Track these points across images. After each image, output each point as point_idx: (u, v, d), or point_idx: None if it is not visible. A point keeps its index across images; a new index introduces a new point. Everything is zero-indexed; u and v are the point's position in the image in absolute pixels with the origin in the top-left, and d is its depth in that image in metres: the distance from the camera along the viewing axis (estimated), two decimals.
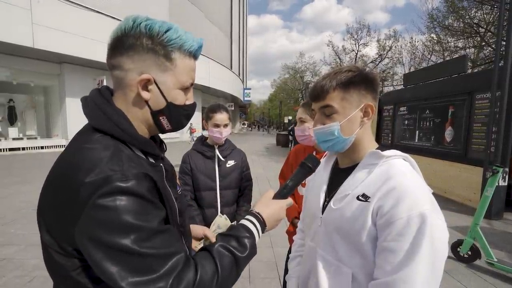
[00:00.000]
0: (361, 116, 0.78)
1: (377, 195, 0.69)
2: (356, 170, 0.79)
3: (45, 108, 13.99)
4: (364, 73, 0.78)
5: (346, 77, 0.77)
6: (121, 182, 0.52)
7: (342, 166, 0.87)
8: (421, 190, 0.67)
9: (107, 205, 0.51)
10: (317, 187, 0.91)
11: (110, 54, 0.62)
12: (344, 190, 0.78)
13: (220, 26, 30.34)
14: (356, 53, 25.44)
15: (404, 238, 0.63)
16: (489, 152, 4.60)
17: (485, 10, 13.31)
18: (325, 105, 0.78)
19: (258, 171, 8.45)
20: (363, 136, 0.81)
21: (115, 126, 0.61)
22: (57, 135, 13.12)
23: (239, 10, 41.36)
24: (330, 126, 0.78)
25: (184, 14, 20.36)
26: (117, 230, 0.51)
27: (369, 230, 0.69)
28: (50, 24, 10.09)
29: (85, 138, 0.60)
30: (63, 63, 12.19)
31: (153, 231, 0.54)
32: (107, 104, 0.63)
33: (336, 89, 0.77)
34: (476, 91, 5.22)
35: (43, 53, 10.61)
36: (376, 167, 0.75)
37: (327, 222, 0.81)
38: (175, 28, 0.62)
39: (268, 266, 2.94)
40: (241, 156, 1.87)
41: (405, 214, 0.63)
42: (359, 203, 0.73)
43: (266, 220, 0.74)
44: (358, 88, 0.77)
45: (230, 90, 26.66)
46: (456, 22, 14.79)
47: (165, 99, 0.64)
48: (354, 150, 0.82)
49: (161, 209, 0.59)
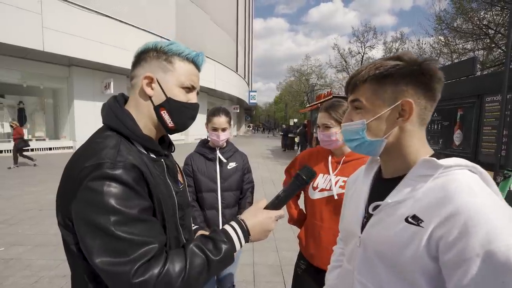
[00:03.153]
0: (396, 116, 0.65)
1: (434, 219, 0.54)
2: (403, 183, 0.64)
3: (54, 110, 14.23)
4: (413, 63, 0.63)
5: (385, 67, 0.64)
6: (109, 170, 0.60)
7: (386, 176, 0.73)
8: (499, 214, 0.50)
9: (95, 187, 0.59)
10: (357, 198, 0.78)
11: (131, 70, 0.78)
12: (387, 207, 0.65)
13: (226, 29, 30.55)
14: (362, 55, 25.29)
15: (487, 284, 0.47)
16: (499, 156, 4.49)
17: (495, 11, 13.10)
18: (354, 99, 0.69)
19: (264, 174, 8.42)
20: (406, 141, 0.66)
21: (121, 124, 0.71)
22: (65, 136, 13.31)
23: (245, 13, 41.60)
24: (354, 124, 0.68)
25: (190, 17, 20.55)
26: (100, 210, 0.58)
27: (423, 263, 0.55)
28: (59, 27, 10.28)
29: (98, 134, 0.72)
30: (72, 66, 12.40)
31: (131, 217, 0.60)
32: (118, 107, 0.75)
33: (368, 81, 0.66)
34: (485, 93, 5.12)
35: (52, 56, 10.81)
36: (430, 180, 0.60)
37: (367, 243, 0.69)
38: (177, 44, 0.76)
39: (273, 270, 2.91)
40: (243, 158, 1.89)
41: (481, 250, 0.47)
42: (408, 226, 0.59)
43: (251, 229, 0.74)
44: (396, 82, 0.64)
45: (235, 92, 26.74)
46: (465, 24, 14.58)
47: (165, 94, 0.74)
48: (396, 157, 0.68)
49: (145, 199, 0.64)
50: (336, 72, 28.05)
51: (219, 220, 1.75)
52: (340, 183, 1.38)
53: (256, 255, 3.23)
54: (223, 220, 1.75)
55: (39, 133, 13.57)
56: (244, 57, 41.80)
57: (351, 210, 0.80)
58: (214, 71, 20.18)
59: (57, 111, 14.01)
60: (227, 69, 24.39)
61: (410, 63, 0.63)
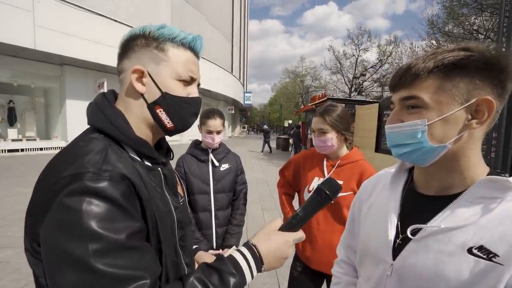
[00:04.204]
0: (467, 118, 0.53)
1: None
2: (458, 203, 0.53)
3: (45, 109, 13.99)
4: (489, 55, 0.51)
5: (453, 57, 0.52)
6: (91, 182, 0.48)
7: (427, 192, 0.60)
8: None
9: (71, 205, 0.46)
10: (381, 214, 0.65)
11: (117, 62, 0.66)
12: (438, 232, 0.53)
13: (221, 30, 30.53)
14: (357, 58, 25.59)
15: None
16: (489, 158, 4.60)
17: (485, 17, 13.42)
18: (409, 96, 0.55)
19: (258, 175, 8.42)
20: (469, 150, 0.55)
21: (110, 125, 0.59)
22: (56, 136, 13.09)
23: (241, 14, 41.67)
24: (411, 125, 0.55)
25: (185, 17, 20.49)
26: (75, 236, 0.45)
27: None
28: (52, 26, 10.13)
29: (82, 136, 0.61)
30: (64, 65, 12.22)
31: (117, 244, 0.47)
32: (107, 105, 0.63)
33: (432, 74, 0.53)
34: None
35: (44, 55, 10.64)
36: (499, 203, 0.50)
37: (404, 275, 0.57)
38: (170, 27, 0.64)
39: (267, 273, 2.89)
40: (236, 159, 1.88)
41: None
42: (473, 260, 0.48)
43: (264, 256, 0.59)
44: (469, 76, 0.52)
45: (230, 93, 26.70)
46: (456, 28, 14.89)
47: (159, 90, 0.62)
48: (450, 169, 0.56)
49: (135, 220, 0.51)
50: (331, 74, 28.33)
51: (212, 222, 1.74)
52: None
53: None
54: (216, 222, 1.74)
55: (29, 133, 13.31)
56: (240, 58, 41.83)
57: (374, 228, 0.67)
58: (209, 71, 20.14)
59: (48, 111, 13.78)
60: (222, 70, 24.37)
61: (483, 55, 0.51)
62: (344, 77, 26.86)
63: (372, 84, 26.84)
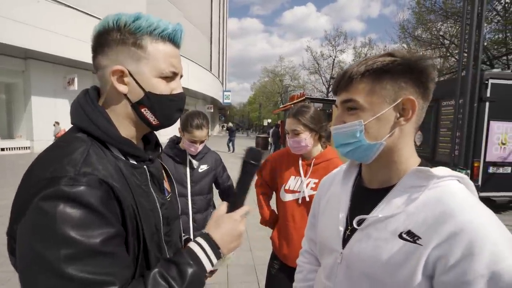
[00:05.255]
0: (396, 116, 0.59)
1: (434, 238, 0.51)
2: (393, 194, 0.59)
3: (7, 107, 12.95)
4: (409, 60, 0.58)
5: (380, 63, 0.58)
6: (67, 187, 0.48)
7: (371, 186, 0.67)
8: (500, 231, 0.49)
9: (46, 209, 0.46)
10: (334, 208, 0.72)
11: (92, 57, 0.62)
12: (376, 221, 0.59)
13: (199, 27, 30.02)
14: (334, 59, 26.29)
15: None
16: (453, 156, 4.93)
17: (449, 24, 14.35)
18: (348, 99, 0.61)
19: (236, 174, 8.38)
20: (401, 145, 0.61)
21: (92, 124, 0.58)
22: (20, 136, 12.17)
23: (220, 12, 41.23)
24: (351, 126, 0.61)
25: (162, 13, 19.91)
26: (48, 240, 0.45)
27: (418, 284, 0.52)
28: (14, 16, 9.39)
29: (65, 136, 0.60)
30: (29, 58, 11.39)
31: (91, 250, 0.47)
32: (89, 103, 0.61)
33: (364, 79, 0.59)
34: (442, 98, 5.59)
35: (5, 47, 9.84)
36: (423, 191, 0.56)
37: (351, 261, 0.63)
38: (145, 17, 0.59)
39: (246, 271, 2.91)
40: (214, 158, 1.82)
41: (486, 271, 0.45)
42: (402, 243, 0.54)
43: (219, 241, 0.64)
44: (394, 79, 0.58)
45: (209, 92, 26.38)
46: (424, 34, 15.80)
47: (142, 89, 0.61)
48: (387, 164, 0.63)
49: (112, 225, 0.51)
50: (309, 74, 28.85)
51: (189, 226, 1.68)
52: (311, 185, 1.42)
53: None
54: (194, 226, 1.69)
55: None
56: (218, 56, 41.41)
57: (328, 221, 0.73)
58: (188, 69, 19.75)
59: (11, 108, 12.78)
60: (201, 68, 24.00)
61: (405, 59, 0.58)
62: (321, 77, 27.46)
63: None
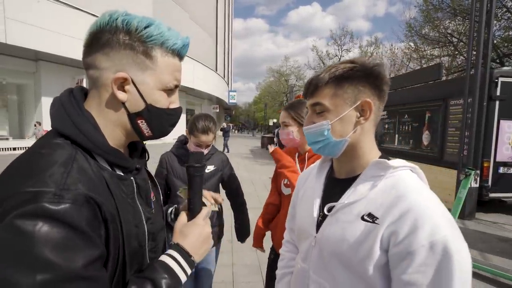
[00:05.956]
0: (357, 116, 0.68)
1: (388, 217, 0.60)
2: (357, 183, 0.68)
3: (19, 107, 13.24)
4: (366, 66, 0.67)
5: (341, 70, 0.67)
6: (51, 204, 0.42)
7: (340, 176, 0.76)
8: (440, 210, 0.59)
9: (23, 228, 0.40)
10: (309, 198, 0.80)
11: (85, 52, 0.57)
12: (343, 207, 0.68)
13: (205, 28, 30.15)
14: (339, 58, 26.10)
15: (429, 269, 0.54)
16: (462, 156, 4.85)
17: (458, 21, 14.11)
18: (315, 102, 0.70)
19: (242, 174, 8.43)
20: (363, 141, 0.70)
21: (77, 131, 0.53)
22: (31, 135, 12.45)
23: (225, 12, 41.34)
24: (319, 126, 0.69)
25: (168, 14, 20.07)
26: (22, 264, 0.39)
27: (377, 258, 0.60)
28: (25, 19, 9.58)
29: (44, 141, 0.53)
30: (40, 60, 11.62)
31: (72, 274, 0.42)
32: (74, 106, 0.56)
33: (328, 84, 0.68)
34: (450, 97, 5.50)
35: (17, 50, 10.06)
36: (382, 180, 0.65)
37: (323, 243, 0.71)
38: (156, 24, 0.56)
39: (252, 270, 2.92)
40: (221, 159, 1.82)
41: (426, 241, 0.54)
42: (364, 224, 0.63)
43: (189, 249, 0.62)
44: (354, 83, 0.67)
45: (215, 92, 26.47)
46: (432, 32, 15.56)
47: (144, 101, 0.57)
48: (352, 157, 0.72)
49: (97, 247, 0.47)
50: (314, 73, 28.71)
51: None
52: None
53: (234, 256, 3.23)
54: None
55: (1, 132, 12.57)
56: (224, 57, 41.52)
57: (304, 209, 0.81)
58: (193, 70, 19.86)
59: (22, 109, 13.06)
60: (207, 68, 24.09)
61: (363, 66, 0.67)
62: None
63: None
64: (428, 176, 0.71)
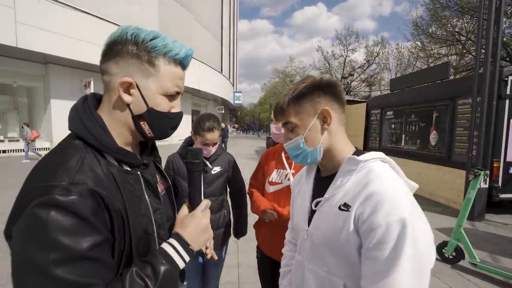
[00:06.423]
0: (321, 124, 0.78)
1: (357, 202, 0.68)
2: (335, 179, 0.77)
3: (29, 109, 13.53)
4: (315, 80, 0.79)
5: (297, 90, 0.79)
6: (60, 196, 0.51)
7: (324, 175, 0.85)
8: (400, 193, 0.66)
9: (39, 216, 0.50)
10: (301, 196, 0.89)
11: (101, 60, 0.66)
12: (326, 200, 0.77)
13: (210, 30, 30.33)
14: (345, 58, 25.98)
15: (385, 246, 0.61)
16: (471, 156, 4.76)
17: (466, 20, 13.89)
18: (285, 122, 0.81)
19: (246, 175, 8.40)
20: (334, 142, 0.80)
21: (88, 133, 0.62)
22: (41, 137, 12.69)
23: (230, 14, 41.51)
24: (295, 141, 0.79)
25: (173, 16, 20.23)
26: (39, 244, 0.49)
27: (354, 239, 0.68)
28: (35, 23, 9.80)
29: (63, 142, 0.63)
30: (49, 63, 11.85)
31: (78, 255, 0.51)
32: (86, 110, 0.65)
33: (290, 105, 0.79)
34: (458, 96, 5.41)
35: (27, 53, 10.28)
36: (354, 173, 0.73)
37: (313, 235, 0.79)
38: (162, 37, 0.64)
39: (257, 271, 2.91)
40: (228, 160, 1.82)
41: (384, 221, 0.62)
42: (341, 213, 0.71)
43: (188, 238, 0.67)
44: (309, 98, 0.77)
45: (220, 93, 26.58)
46: (439, 30, 15.35)
47: (146, 104, 0.65)
48: (330, 158, 0.81)
49: (100, 233, 0.55)
50: (320, 74, 28.61)
51: None
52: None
53: (240, 256, 3.23)
54: None
55: (12, 134, 12.85)
56: (229, 58, 41.67)
57: (298, 208, 0.90)
58: (198, 71, 19.97)
59: (32, 111, 13.33)
60: (212, 69, 24.21)
61: (313, 82, 0.79)
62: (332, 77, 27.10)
63: (360, 84, 27.31)
64: (436, 176, 0.72)
